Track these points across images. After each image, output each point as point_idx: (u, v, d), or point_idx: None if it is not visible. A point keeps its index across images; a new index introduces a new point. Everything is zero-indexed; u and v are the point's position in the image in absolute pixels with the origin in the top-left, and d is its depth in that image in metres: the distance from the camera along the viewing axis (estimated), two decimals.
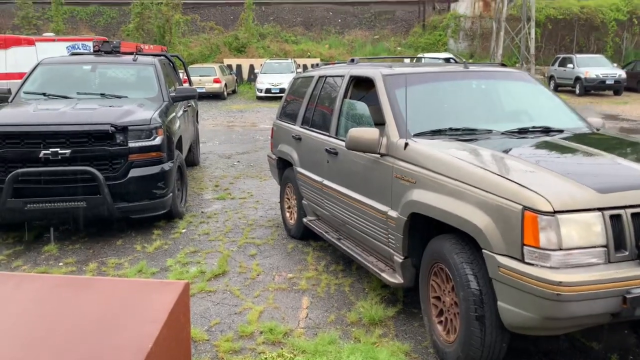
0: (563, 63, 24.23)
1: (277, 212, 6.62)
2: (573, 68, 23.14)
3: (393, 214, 3.56)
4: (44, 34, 24.63)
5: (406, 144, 3.50)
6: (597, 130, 4.09)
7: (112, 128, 5.48)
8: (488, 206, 2.84)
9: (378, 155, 3.73)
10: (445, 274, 3.23)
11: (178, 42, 29.72)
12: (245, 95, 25.20)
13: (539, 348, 3.39)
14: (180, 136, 7.03)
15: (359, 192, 4.02)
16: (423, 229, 3.47)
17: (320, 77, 5.17)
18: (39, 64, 7.29)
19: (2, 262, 5.13)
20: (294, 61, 25.07)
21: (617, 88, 22.52)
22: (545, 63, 26.81)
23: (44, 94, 6.68)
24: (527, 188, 2.72)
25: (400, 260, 3.60)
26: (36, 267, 4.98)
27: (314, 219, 5.15)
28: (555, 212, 2.58)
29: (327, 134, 4.62)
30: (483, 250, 2.85)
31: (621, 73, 22.68)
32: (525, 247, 2.64)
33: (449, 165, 3.17)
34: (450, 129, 3.70)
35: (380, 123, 3.89)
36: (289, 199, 5.80)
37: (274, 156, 6.09)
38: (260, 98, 22.99)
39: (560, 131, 3.85)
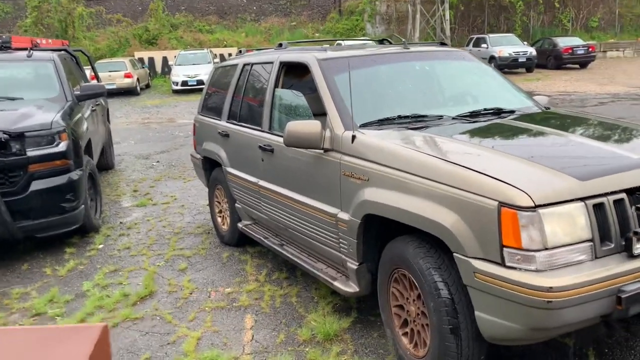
0: (477, 43, 24.84)
1: (206, 216, 6.05)
2: (487, 47, 23.77)
3: (344, 216, 3.14)
4: None
5: (353, 137, 3.08)
6: (548, 109, 3.86)
7: (5, 135, 4.69)
8: (456, 203, 2.47)
9: (321, 151, 3.29)
10: (408, 280, 2.86)
11: (83, 36, 27.84)
12: (160, 89, 23.97)
13: (513, 352, 3.11)
14: (90, 139, 6.27)
15: (302, 193, 3.57)
16: (379, 231, 3.08)
17: (245, 65, 4.64)
18: None
19: None
20: (210, 51, 24.11)
21: (529, 65, 23.37)
22: (460, 44, 27.41)
23: None
24: (501, 181, 2.37)
25: (355, 267, 3.19)
26: None
27: (250, 224, 4.65)
28: (536, 206, 2.25)
29: (260, 129, 4.12)
30: (454, 254, 2.49)
31: (532, 50, 23.55)
32: (504, 248, 2.30)
33: (405, 159, 2.79)
34: (399, 117, 3.31)
35: (320, 114, 3.45)
36: (219, 202, 5.26)
37: (198, 156, 5.51)
38: (176, 91, 21.93)
39: (512, 112, 3.57)
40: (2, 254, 5.17)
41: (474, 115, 3.43)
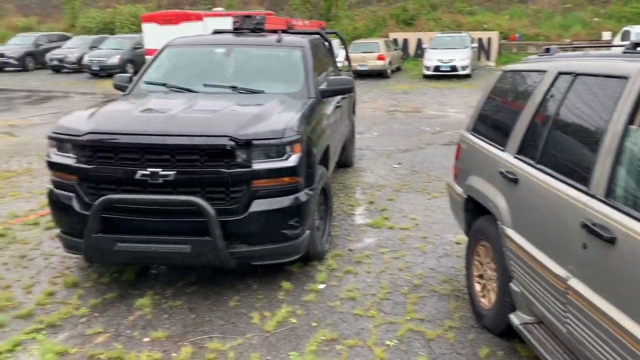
0: None
1: (454, 262, 4.58)
2: None
3: None
4: (214, 9, 24.70)
5: None
6: None
7: (232, 142, 3.82)
8: None
9: None
10: None
11: (344, 15, 28.23)
12: (410, 73, 22.88)
13: None
14: (328, 146, 5.21)
15: None
16: None
17: (561, 74, 2.93)
18: (167, 45, 5.93)
19: (81, 321, 3.79)
20: (469, 35, 22.10)
21: None
22: None
23: (164, 85, 5.28)
24: None
25: None
26: (112, 345, 3.52)
27: (534, 324, 2.99)
28: None
29: (585, 190, 2.42)
30: None
31: None
32: None
33: None
34: None
35: None
36: (480, 263, 3.69)
37: (459, 190, 4.00)
38: (427, 77, 20.57)
39: None
40: (217, 276, 4.44)
41: None
